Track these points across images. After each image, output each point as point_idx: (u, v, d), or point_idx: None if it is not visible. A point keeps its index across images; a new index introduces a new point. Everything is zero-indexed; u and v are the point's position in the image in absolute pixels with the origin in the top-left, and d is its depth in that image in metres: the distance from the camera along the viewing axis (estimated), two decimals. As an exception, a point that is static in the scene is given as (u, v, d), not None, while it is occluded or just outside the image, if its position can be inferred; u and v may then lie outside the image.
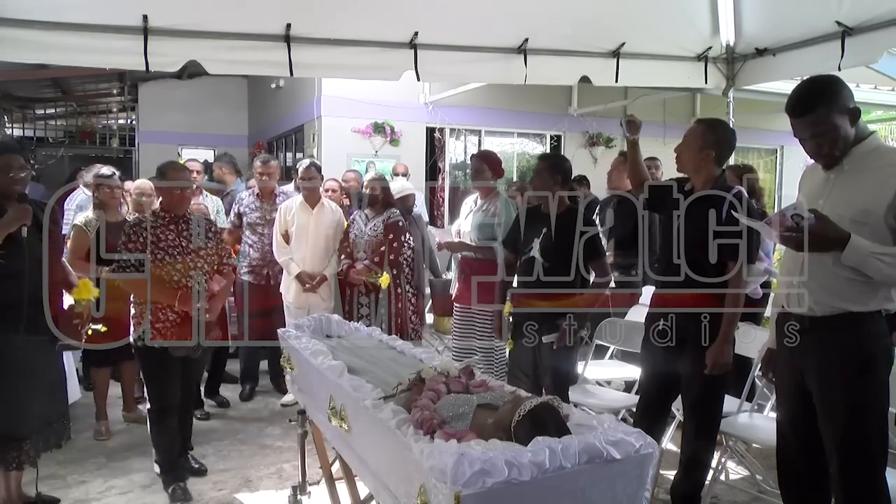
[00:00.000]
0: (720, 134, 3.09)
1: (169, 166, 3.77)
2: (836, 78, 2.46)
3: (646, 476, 1.88)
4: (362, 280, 4.86)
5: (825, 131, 2.37)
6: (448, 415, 2.10)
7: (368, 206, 5.08)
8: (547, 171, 3.76)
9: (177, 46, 4.10)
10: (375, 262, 4.88)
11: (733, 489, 3.77)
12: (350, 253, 5.00)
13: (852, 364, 2.37)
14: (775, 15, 4.85)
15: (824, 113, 2.35)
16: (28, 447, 3.14)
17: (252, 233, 5.25)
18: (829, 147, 2.40)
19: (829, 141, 2.38)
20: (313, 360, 2.77)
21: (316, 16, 4.30)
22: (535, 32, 4.72)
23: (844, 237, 2.25)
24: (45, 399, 3.23)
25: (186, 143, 12.55)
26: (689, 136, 3.11)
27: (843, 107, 2.35)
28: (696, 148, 3.06)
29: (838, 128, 2.35)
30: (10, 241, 3.00)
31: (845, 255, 2.25)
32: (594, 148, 10.72)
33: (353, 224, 5.11)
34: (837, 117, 2.35)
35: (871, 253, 2.23)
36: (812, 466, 2.55)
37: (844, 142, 2.38)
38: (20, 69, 8.64)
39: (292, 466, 3.76)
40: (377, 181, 5.12)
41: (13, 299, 3.02)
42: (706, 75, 5.28)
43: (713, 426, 3.19)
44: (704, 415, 3.13)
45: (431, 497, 1.73)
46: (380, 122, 9.58)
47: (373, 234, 4.96)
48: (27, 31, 3.83)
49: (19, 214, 3.02)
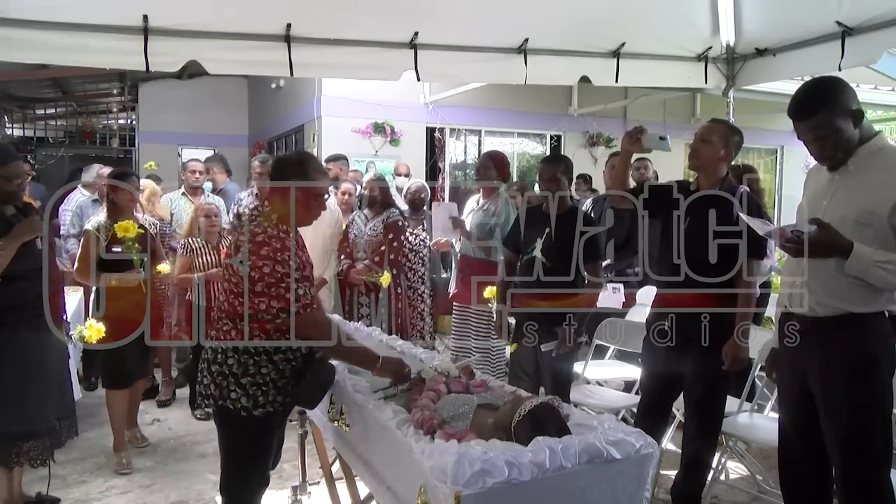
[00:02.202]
0: (738, 136, 3.16)
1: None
2: (838, 80, 2.45)
3: (646, 476, 1.88)
4: (363, 280, 4.87)
5: (827, 134, 2.36)
6: (448, 415, 2.10)
7: (368, 207, 5.08)
8: (561, 174, 3.73)
9: (177, 46, 4.10)
10: (375, 261, 4.89)
11: (734, 489, 3.77)
12: (350, 253, 5.00)
13: (855, 365, 2.37)
14: (775, 15, 4.85)
15: (825, 116, 2.34)
16: (39, 445, 3.15)
17: None
18: (831, 150, 2.39)
19: (831, 144, 2.38)
20: (313, 360, 2.76)
21: (316, 16, 4.30)
22: (535, 32, 4.72)
23: (847, 247, 2.24)
24: (59, 396, 3.27)
25: (186, 143, 12.54)
26: (711, 134, 3.09)
27: (845, 109, 2.34)
28: (720, 147, 3.08)
29: (840, 130, 2.35)
30: (23, 244, 3.04)
31: (848, 264, 2.25)
32: (594, 148, 10.72)
33: (352, 224, 5.11)
34: (839, 120, 2.34)
35: (874, 262, 2.23)
36: (814, 467, 2.55)
37: (848, 143, 2.37)
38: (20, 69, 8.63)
39: (292, 466, 3.76)
40: (376, 182, 5.13)
41: (29, 299, 3.05)
42: (706, 75, 5.28)
43: (715, 426, 3.19)
44: (707, 414, 3.14)
45: (432, 497, 1.73)
46: (380, 122, 9.58)
47: (372, 234, 4.97)
48: (27, 31, 3.83)
49: (32, 228, 3.06)
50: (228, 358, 2.50)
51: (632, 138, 3.24)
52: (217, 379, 2.51)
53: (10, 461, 3.13)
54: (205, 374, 2.57)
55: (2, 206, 3.05)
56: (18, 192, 3.09)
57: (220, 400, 2.51)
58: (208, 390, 2.55)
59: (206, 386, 2.56)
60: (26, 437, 3.11)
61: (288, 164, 2.60)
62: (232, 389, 2.49)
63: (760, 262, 3.12)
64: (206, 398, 2.57)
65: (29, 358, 3.06)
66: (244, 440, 2.56)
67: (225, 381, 2.49)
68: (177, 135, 12.40)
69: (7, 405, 3.03)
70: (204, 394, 2.58)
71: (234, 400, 2.49)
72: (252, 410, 2.49)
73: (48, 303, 3.09)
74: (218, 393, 2.51)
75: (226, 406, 2.50)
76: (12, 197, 3.06)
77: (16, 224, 3.02)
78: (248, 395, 2.48)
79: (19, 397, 3.04)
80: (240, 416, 2.49)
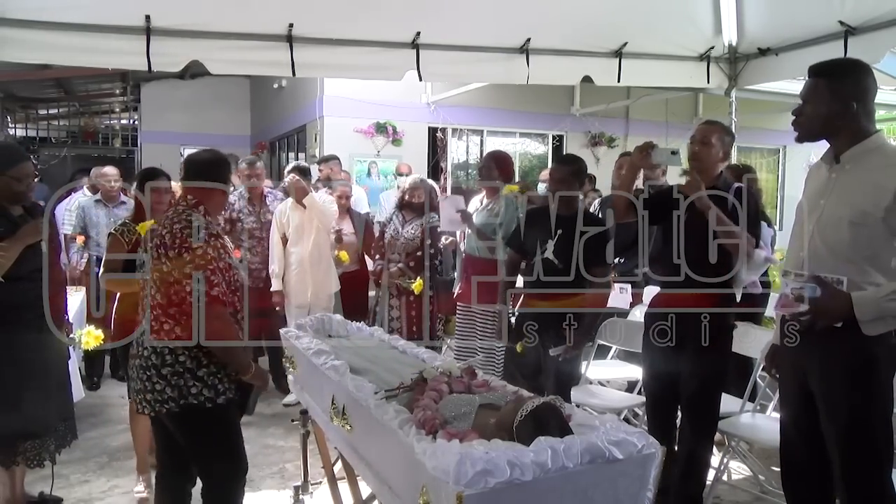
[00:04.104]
0: (731, 135, 3.21)
1: None
2: (862, 65, 2.43)
3: (648, 476, 1.88)
4: (395, 283, 4.85)
5: (809, 100, 2.37)
6: (450, 415, 2.10)
7: (404, 208, 5.05)
8: (573, 176, 3.69)
9: (179, 46, 4.11)
10: (410, 266, 4.86)
11: (736, 489, 3.76)
12: (384, 254, 4.99)
13: (855, 365, 2.35)
14: (778, 15, 4.85)
15: (822, 85, 2.35)
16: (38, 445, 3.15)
17: (250, 237, 5.20)
18: (805, 118, 2.40)
19: (807, 113, 2.38)
20: (315, 360, 2.77)
21: (318, 16, 4.31)
22: (537, 32, 4.73)
23: (848, 305, 2.22)
24: (62, 396, 3.27)
25: (188, 143, 12.54)
26: (709, 136, 3.12)
27: (846, 92, 2.32)
28: (719, 147, 3.13)
29: (823, 106, 2.34)
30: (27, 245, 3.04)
31: (859, 316, 2.23)
32: (596, 148, 10.72)
33: (388, 224, 5.10)
34: (830, 98, 2.33)
35: (880, 298, 2.21)
36: (816, 467, 2.54)
37: (822, 123, 2.37)
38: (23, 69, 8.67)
39: (294, 466, 3.76)
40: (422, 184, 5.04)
41: (31, 299, 3.05)
42: (709, 75, 5.28)
43: (710, 424, 3.21)
44: (701, 413, 3.15)
45: (434, 497, 1.73)
46: (382, 122, 9.59)
47: (410, 237, 4.94)
48: (30, 31, 3.85)
49: (35, 231, 3.05)
50: (179, 355, 2.51)
51: (641, 153, 3.23)
52: (172, 380, 2.50)
53: (9, 461, 3.13)
54: (153, 380, 2.52)
55: (10, 206, 3.05)
56: (27, 192, 3.09)
57: (181, 399, 2.51)
58: (164, 395, 2.51)
59: (160, 391, 2.51)
60: (25, 437, 3.11)
61: (204, 163, 2.74)
62: (191, 385, 2.51)
63: (755, 252, 3.12)
64: (164, 403, 2.51)
65: (29, 358, 3.06)
66: (221, 430, 2.62)
67: (182, 380, 2.50)
68: (179, 135, 12.43)
69: (7, 405, 3.02)
70: (159, 399, 2.52)
71: (195, 395, 2.52)
72: (216, 399, 2.54)
73: (48, 303, 3.09)
74: (177, 393, 2.50)
75: (189, 403, 2.51)
76: (21, 197, 3.07)
77: (21, 225, 3.03)
78: (209, 386, 2.53)
79: (19, 397, 3.04)
80: (205, 408, 2.53)
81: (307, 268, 4.99)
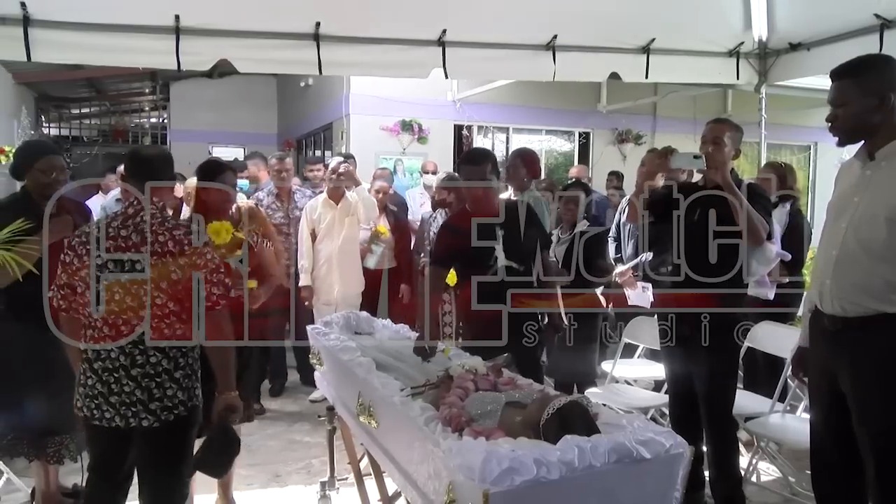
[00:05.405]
0: (740, 131, 3.21)
1: None
2: (884, 57, 2.39)
3: (676, 476, 1.86)
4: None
5: (842, 103, 2.33)
6: (476, 412, 2.10)
7: (444, 207, 5.06)
8: (490, 172, 3.39)
9: (208, 45, 4.16)
10: None
11: (765, 490, 3.71)
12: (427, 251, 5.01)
13: (887, 365, 2.31)
14: (810, 8, 4.77)
15: (848, 85, 2.31)
16: (69, 441, 3.19)
17: (278, 233, 5.22)
18: (841, 121, 2.36)
19: (843, 116, 2.34)
20: (342, 357, 2.79)
21: (345, 14, 4.33)
22: (563, 29, 4.70)
23: None
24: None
25: (217, 141, 12.71)
26: (722, 134, 3.11)
27: (876, 87, 2.28)
28: (731, 146, 3.13)
29: (857, 105, 2.30)
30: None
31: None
32: (623, 145, 10.62)
33: (432, 223, 5.11)
34: (862, 95, 2.29)
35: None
36: (846, 469, 2.50)
37: (860, 122, 2.32)
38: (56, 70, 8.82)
39: (321, 462, 3.79)
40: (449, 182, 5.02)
41: None
42: (738, 71, 5.22)
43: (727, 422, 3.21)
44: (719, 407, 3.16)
45: (459, 495, 1.73)
46: (407, 120, 9.60)
47: None
48: (62, 32, 3.92)
49: (63, 227, 3.04)
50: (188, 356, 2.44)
51: (659, 159, 3.27)
52: (184, 382, 2.39)
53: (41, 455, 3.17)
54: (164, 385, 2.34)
55: (41, 201, 3.06)
56: (54, 185, 3.09)
57: (188, 402, 2.40)
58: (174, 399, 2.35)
59: (171, 397, 2.35)
60: (47, 434, 3.15)
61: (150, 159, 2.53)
62: (195, 387, 2.45)
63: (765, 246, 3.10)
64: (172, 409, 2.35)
65: (52, 357, 3.04)
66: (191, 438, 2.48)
67: (189, 381, 2.42)
68: (207, 133, 12.56)
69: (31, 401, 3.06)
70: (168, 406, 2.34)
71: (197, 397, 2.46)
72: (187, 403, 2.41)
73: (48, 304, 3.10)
74: (186, 396, 2.39)
75: (195, 405, 2.44)
76: (48, 189, 3.08)
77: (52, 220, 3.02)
78: (183, 389, 2.39)
79: (41, 395, 3.06)
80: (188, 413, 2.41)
81: (335, 265, 5.01)
